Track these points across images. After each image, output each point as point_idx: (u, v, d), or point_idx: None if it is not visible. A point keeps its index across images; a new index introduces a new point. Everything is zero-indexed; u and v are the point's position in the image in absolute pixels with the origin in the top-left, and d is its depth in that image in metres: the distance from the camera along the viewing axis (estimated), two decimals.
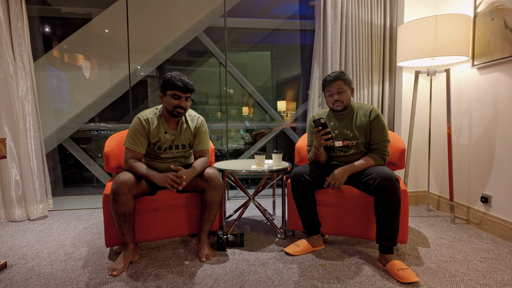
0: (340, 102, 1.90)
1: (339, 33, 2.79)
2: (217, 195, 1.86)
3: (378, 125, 1.89)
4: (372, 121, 1.89)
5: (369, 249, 1.97)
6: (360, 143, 1.92)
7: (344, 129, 1.95)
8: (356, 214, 1.92)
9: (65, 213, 2.80)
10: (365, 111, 1.93)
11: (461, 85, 2.51)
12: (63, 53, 3.21)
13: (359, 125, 1.91)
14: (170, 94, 1.79)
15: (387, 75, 2.92)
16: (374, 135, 1.89)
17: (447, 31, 2.23)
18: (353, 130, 1.92)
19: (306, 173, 1.87)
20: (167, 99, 1.80)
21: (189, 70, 3.68)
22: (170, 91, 1.78)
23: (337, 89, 1.89)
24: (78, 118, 3.28)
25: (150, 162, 1.94)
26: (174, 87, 1.77)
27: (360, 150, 1.93)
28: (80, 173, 3.64)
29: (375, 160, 1.87)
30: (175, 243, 2.08)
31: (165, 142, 1.89)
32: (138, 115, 1.86)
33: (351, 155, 1.94)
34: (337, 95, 1.89)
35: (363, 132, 1.91)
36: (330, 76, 1.91)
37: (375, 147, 1.90)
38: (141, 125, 1.83)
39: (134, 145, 1.82)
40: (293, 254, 1.88)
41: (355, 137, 1.92)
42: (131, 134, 1.83)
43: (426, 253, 1.91)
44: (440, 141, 2.79)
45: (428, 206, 2.78)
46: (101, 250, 1.99)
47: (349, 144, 1.94)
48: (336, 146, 1.96)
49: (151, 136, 1.86)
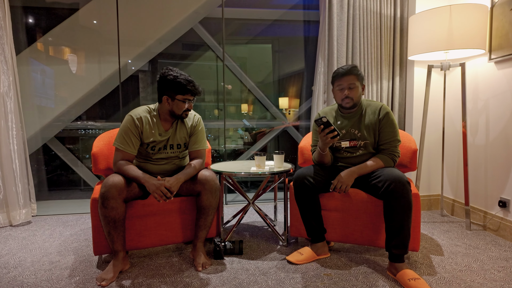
0: (350, 99, 1.89)
1: (346, 24, 2.79)
2: (214, 199, 1.86)
3: (387, 124, 1.89)
4: (381, 119, 1.89)
5: (378, 258, 1.97)
6: (368, 144, 1.92)
7: (352, 128, 1.95)
8: (363, 219, 1.92)
9: (50, 218, 2.80)
10: (374, 108, 1.93)
11: (477, 81, 2.51)
12: (48, 46, 3.21)
13: (367, 124, 1.91)
14: (181, 99, 1.79)
15: (397, 69, 2.92)
16: (384, 135, 1.90)
17: (462, 22, 2.23)
18: (361, 130, 1.93)
19: (310, 176, 1.87)
20: (177, 103, 1.80)
21: (184, 64, 3.69)
22: (181, 95, 1.78)
23: (349, 84, 1.87)
24: (64, 116, 3.28)
25: (142, 164, 1.94)
26: (186, 92, 1.78)
27: (368, 151, 1.93)
28: (66, 176, 3.64)
29: (384, 162, 1.87)
30: (169, 251, 2.08)
31: (160, 142, 1.89)
32: (131, 113, 1.85)
33: (358, 156, 1.94)
34: (348, 91, 1.88)
35: (371, 132, 1.91)
36: (342, 69, 1.89)
37: (384, 147, 1.90)
38: (134, 124, 1.83)
39: (125, 145, 1.81)
40: (296, 263, 1.88)
41: (363, 137, 1.92)
42: (122, 133, 1.82)
43: (440, 261, 1.91)
44: (454, 141, 2.80)
45: (441, 211, 2.78)
46: (89, 259, 1.99)
47: (357, 144, 1.94)
48: (342, 146, 1.97)
49: (144, 136, 1.86)
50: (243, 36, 3.71)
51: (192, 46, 3.63)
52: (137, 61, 3.44)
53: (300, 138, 3.69)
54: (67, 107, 3.25)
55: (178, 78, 1.76)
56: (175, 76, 1.76)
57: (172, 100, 1.80)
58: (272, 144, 3.88)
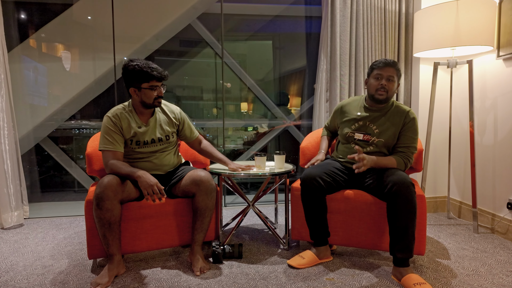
0: (385, 91, 1.89)
1: (349, 20, 2.79)
2: (210, 200, 1.87)
3: (411, 129, 1.91)
4: (406, 122, 1.91)
5: (382, 262, 1.97)
6: (382, 143, 1.93)
7: (371, 123, 1.96)
8: (367, 222, 1.92)
9: (43, 221, 2.80)
10: (401, 110, 1.94)
11: (485, 78, 2.51)
12: (41, 43, 3.21)
13: (390, 124, 1.92)
14: (147, 87, 1.82)
15: (402, 67, 2.92)
16: (404, 138, 1.91)
17: (469, 17, 2.23)
18: (381, 127, 1.94)
19: (318, 176, 1.87)
20: (145, 92, 1.83)
21: (182, 61, 3.69)
22: (146, 83, 1.81)
23: (388, 75, 1.88)
24: (57, 115, 3.28)
25: (135, 164, 1.95)
26: (150, 78, 1.81)
27: (379, 150, 1.94)
28: (59, 177, 3.64)
29: (398, 163, 1.87)
30: (166, 255, 2.08)
31: (142, 134, 1.91)
32: (107, 114, 1.90)
33: (368, 153, 1.95)
34: (386, 81, 1.89)
35: (391, 132, 1.92)
36: (386, 59, 1.91)
37: (401, 150, 1.91)
38: (112, 122, 1.86)
39: (111, 145, 1.84)
40: (297, 267, 1.88)
41: (379, 134, 1.93)
42: (104, 135, 1.85)
43: (446, 266, 1.91)
44: (461, 140, 2.80)
45: (448, 214, 2.78)
46: (83, 263, 1.99)
47: (370, 140, 1.95)
48: (355, 138, 1.98)
49: (124, 132, 1.88)
50: (242, 32, 3.70)
51: (190, 42, 3.63)
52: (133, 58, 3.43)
53: (302, 138, 3.69)
54: (61, 106, 3.25)
55: (138, 67, 1.79)
56: (136, 65, 1.79)
57: (139, 90, 1.84)
58: (273, 144, 3.88)
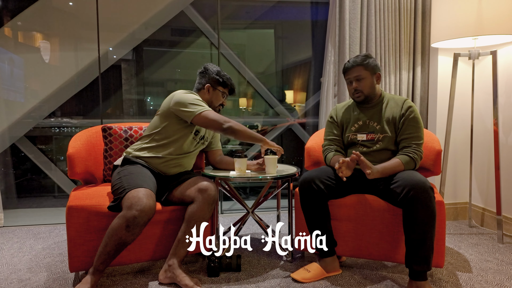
0: (360, 92, 1.96)
1: (360, 6, 2.79)
2: (208, 211, 1.86)
3: (410, 118, 1.92)
4: (404, 112, 1.94)
5: (396, 275, 1.97)
6: (387, 138, 1.94)
7: (370, 121, 2.00)
8: (380, 230, 1.92)
9: (19, 229, 2.80)
10: (397, 101, 2.00)
11: (510, 71, 2.51)
12: (17, 32, 3.21)
13: (388, 117, 1.96)
14: (222, 91, 2.14)
15: (418, 58, 2.92)
16: (405, 128, 1.92)
17: (493, 4, 2.23)
18: (381, 122, 1.97)
19: (318, 179, 1.87)
20: (217, 94, 2.14)
21: (173, 52, 3.69)
22: (222, 88, 2.14)
23: (355, 76, 1.96)
24: (35, 112, 3.28)
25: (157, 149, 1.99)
26: (226, 86, 2.15)
27: (386, 147, 1.95)
28: (37, 181, 3.64)
29: (404, 163, 1.85)
30: (156, 267, 2.08)
31: (201, 129, 2.12)
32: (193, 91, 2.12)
33: (376, 152, 1.96)
34: (356, 83, 1.96)
35: (392, 125, 1.95)
36: (348, 62, 2.00)
37: (406, 143, 1.91)
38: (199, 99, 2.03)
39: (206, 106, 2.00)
40: (302, 281, 1.88)
41: (382, 130, 1.96)
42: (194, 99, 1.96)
43: (468, 279, 1.91)
44: (484, 140, 2.80)
45: (469, 222, 2.78)
46: (64, 276, 1.99)
47: (374, 138, 1.97)
48: (359, 139, 2.00)
49: None
50: (241, 20, 3.71)
51: (183, 31, 3.63)
52: (119, 48, 3.43)
53: (307, 137, 3.69)
54: (39, 102, 3.25)
55: (221, 73, 2.14)
56: (219, 71, 2.13)
57: (214, 90, 2.12)
58: None
